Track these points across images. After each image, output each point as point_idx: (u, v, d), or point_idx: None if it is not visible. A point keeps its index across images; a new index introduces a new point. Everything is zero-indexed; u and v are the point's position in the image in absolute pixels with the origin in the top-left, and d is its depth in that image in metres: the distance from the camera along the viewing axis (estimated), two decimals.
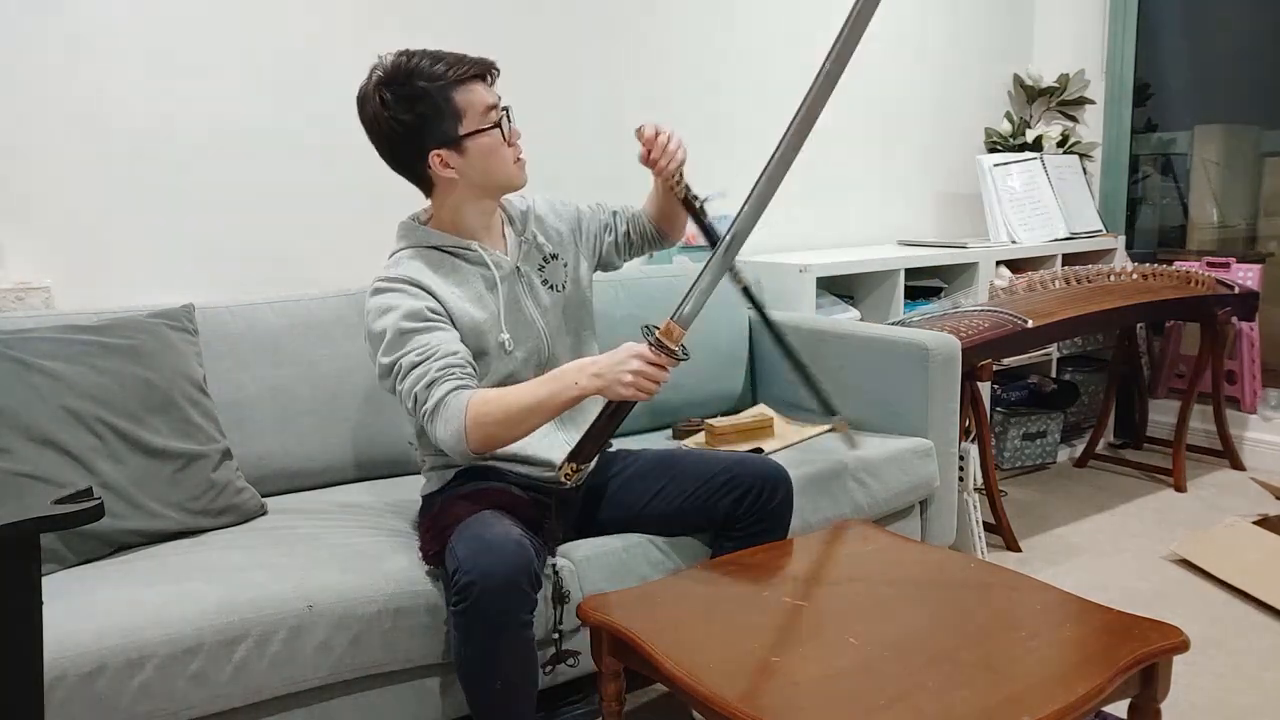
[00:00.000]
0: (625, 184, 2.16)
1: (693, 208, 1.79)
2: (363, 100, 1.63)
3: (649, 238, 1.92)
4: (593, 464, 1.55)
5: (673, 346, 1.50)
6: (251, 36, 2.20)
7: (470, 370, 1.60)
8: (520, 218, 1.81)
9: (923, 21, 3.50)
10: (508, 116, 1.67)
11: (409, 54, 1.61)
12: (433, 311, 1.62)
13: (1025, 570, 2.02)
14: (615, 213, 1.93)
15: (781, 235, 3.16)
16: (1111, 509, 3.01)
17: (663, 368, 1.50)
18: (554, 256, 1.81)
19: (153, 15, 2.08)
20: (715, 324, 2.53)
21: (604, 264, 1.93)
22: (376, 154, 1.65)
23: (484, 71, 1.64)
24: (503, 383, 1.69)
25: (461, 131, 1.61)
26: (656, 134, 1.70)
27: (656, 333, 1.51)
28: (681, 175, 1.76)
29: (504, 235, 1.78)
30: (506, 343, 1.69)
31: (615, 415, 1.55)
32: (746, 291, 1.88)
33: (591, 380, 1.51)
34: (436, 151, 1.62)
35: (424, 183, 1.69)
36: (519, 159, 1.70)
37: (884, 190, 3.48)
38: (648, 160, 1.72)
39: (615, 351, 1.52)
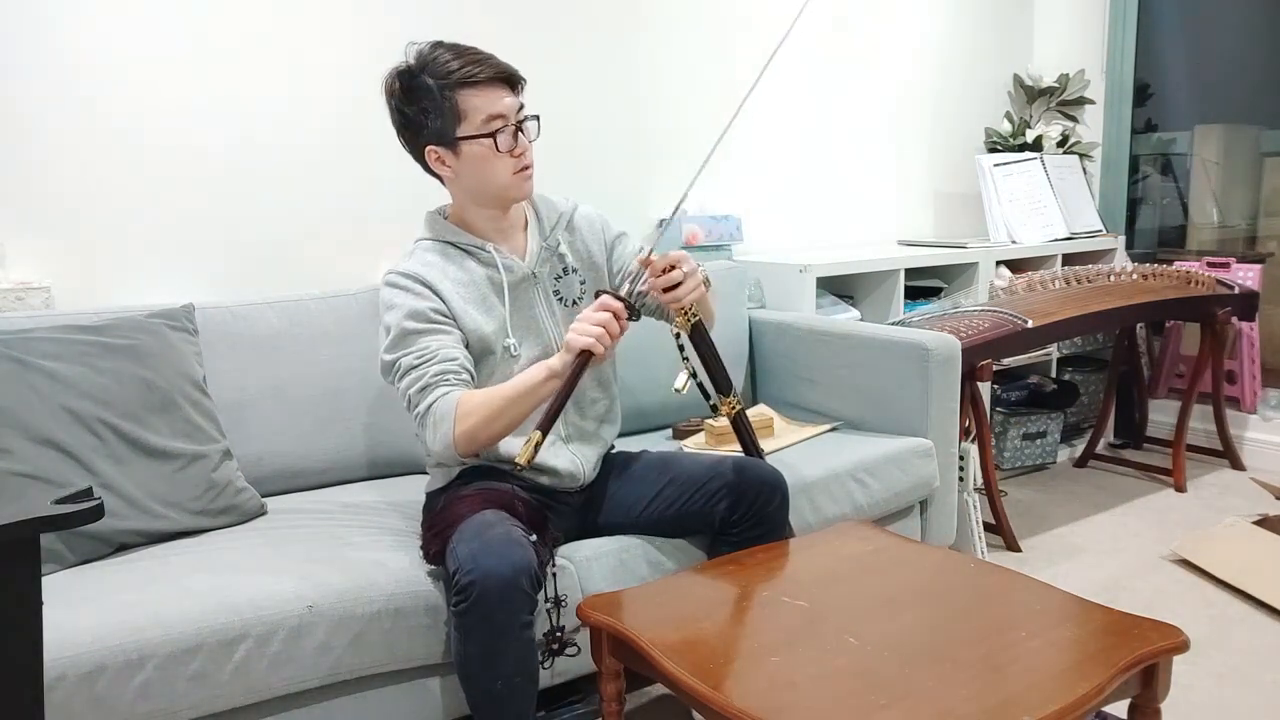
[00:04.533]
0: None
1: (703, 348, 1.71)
2: (384, 85, 1.65)
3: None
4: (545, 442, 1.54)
5: (624, 298, 1.54)
6: (252, 38, 2.20)
7: (467, 376, 1.61)
8: (551, 220, 1.79)
9: (923, 21, 3.50)
10: (519, 128, 1.63)
11: (436, 45, 1.61)
12: (436, 312, 1.62)
13: (1025, 570, 2.02)
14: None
15: (782, 235, 3.16)
16: (1111, 509, 3.01)
17: (618, 315, 1.52)
18: (573, 270, 1.79)
19: (152, 18, 2.08)
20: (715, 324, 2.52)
21: None
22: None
23: (502, 78, 1.61)
24: None
25: (458, 134, 1.61)
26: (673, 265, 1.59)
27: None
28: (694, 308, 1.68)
29: (525, 237, 1.77)
30: (512, 347, 1.70)
31: (576, 373, 1.52)
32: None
33: (558, 357, 1.54)
34: (433, 147, 1.64)
35: (432, 174, 1.71)
36: (523, 169, 1.65)
37: (884, 190, 3.48)
38: (668, 288, 1.59)
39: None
